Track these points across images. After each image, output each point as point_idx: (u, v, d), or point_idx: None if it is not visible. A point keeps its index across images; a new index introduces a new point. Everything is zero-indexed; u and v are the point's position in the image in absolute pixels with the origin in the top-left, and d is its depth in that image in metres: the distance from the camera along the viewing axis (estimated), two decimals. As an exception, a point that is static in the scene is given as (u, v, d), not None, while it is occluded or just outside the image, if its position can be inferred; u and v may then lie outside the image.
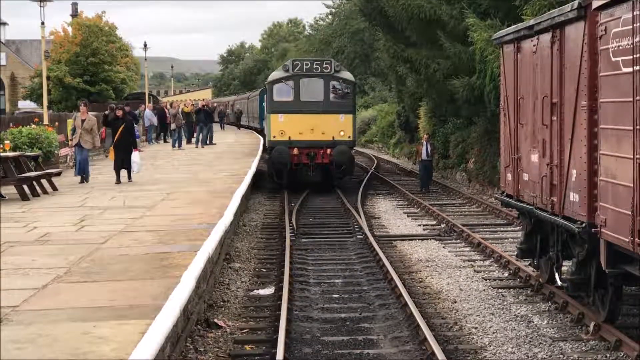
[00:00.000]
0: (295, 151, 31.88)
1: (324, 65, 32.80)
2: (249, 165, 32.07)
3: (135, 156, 26.31)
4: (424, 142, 32.66)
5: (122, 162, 26.18)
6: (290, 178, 32.43)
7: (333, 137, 31.86)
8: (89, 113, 27.49)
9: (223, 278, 16.34)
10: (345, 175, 33.01)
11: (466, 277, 16.81)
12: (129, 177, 26.48)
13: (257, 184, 32.56)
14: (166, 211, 19.65)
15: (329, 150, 31.74)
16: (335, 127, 32.02)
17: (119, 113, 26.70)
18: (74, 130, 26.92)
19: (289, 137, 32.01)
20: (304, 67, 32.74)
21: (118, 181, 26.05)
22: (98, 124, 28.37)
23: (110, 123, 27.07)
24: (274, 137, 32.33)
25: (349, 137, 32.23)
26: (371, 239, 20.87)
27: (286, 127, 32.11)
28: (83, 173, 26.49)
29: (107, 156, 27.71)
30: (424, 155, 32.18)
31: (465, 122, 36.69)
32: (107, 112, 29.97)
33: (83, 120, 26.47)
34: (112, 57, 67.27)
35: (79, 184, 26.06)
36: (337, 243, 21.39)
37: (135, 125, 30.34)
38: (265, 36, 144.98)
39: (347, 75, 33.58)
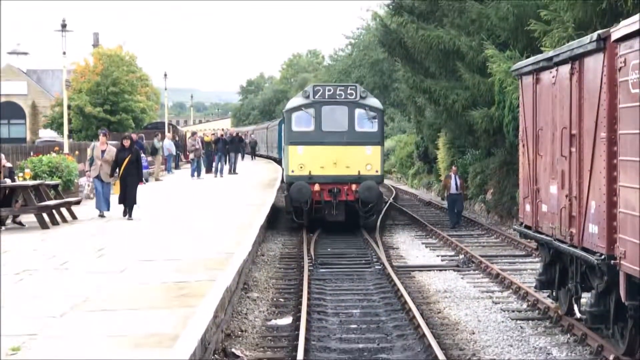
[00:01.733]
0: (317, 187, 28.33)
1: (349, 91, 29.13)
2: (268, 196, 32.12)
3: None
4: (452, 175, 30.78)
5: (126, 196, 24.54)
6: (311, 217, 28.96)
7: (359, 172, 28.36)
8: (109, 143, 25.72)
9: (241, 308, 16.33)
10: (373, 215, 29.27)
11: (484, 308, 16.74)
12: (130, 214, 24.60)
13: (276, 214, 32.48)
14: (184, 241, 19.70)
15: (354, 186, 28.27)
16: (362, 160, 28.54)
17: (126, 143, 24.79)
18: (91, 160, 25.40)
19: (310, 172, 28.42)
20: (326, 93, 29.04)
21: (125, 215, 24.49)
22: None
23: (117, 154, 24.95)
24: (293, 171, 28.74)
25: (377, 171, 28.72)
26: (389, 269, 20.81)
27: (306, 160, 28.62)
28: (105, 208, 25.10)
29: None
30: (452, 189, 30.32)
31: (484, 153, 36.66)
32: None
33: (103, 151, 24.94)
34: (132, 87, 67.67)
35: (98, 216, 24.88)
36: (355, 273, 21.33)
37: (143, 155, 27.85)
38: (284, 66, 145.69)
39: (374, 102, 29.78)
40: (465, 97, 31.38)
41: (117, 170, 24.80)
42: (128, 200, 24.60)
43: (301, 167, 28.65)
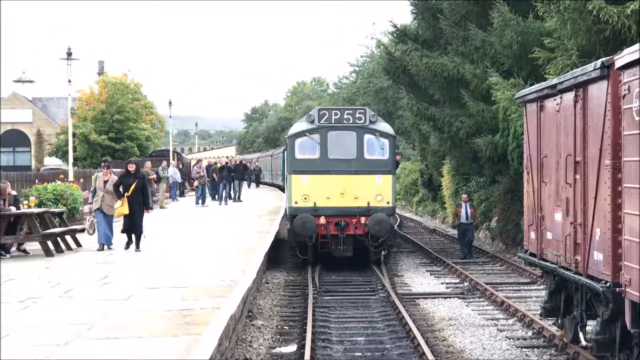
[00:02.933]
0: (322, 220, 26.04)
1: (357, 115, 26.70)
2: (272, 223, 32.08)
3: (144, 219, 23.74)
4: (463, 204, 29.48)
5: (132, 225, 23.40)
6: (316, 253, 26.80)
7: (368, 203, 26.12)
8: (112, 172, 24.52)
9: (245, 335, 16.30)
10: (384, 250, 27.22)
11: (489, 336, 16.69)
12: (137, 245, 23.46)
13: (280, 242, 32.44)
14: (188, 269, 19.67)
15: (363, 219, 26.05)
16: (371, 190, 26.23)
17: (131, 168, 23.55)
18: (94, 191, 24.62)
19: (315, 203, 26.15)
20: (333, 117, 26.69)
21: (128, 247, 23.50)
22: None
23: (120, 179, 23.60)
24: (296, 202, 26.39)
25: (388, 202, 26.38)
26: (394, 296, 20.78)
27: (311, 190, 26.28)
28: (108, 242, 23.72)
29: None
30: (463, 219, 29.01)
31: (489, 180, 36.67)
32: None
33: (105, 182, 23.82)
34: (137, 115, 67.78)
35: (97, 250, 23.43)
36: (360, 301, 21.30)
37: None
38: (289, 94, 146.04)
39: (384, 127, 27.32)
40: (469, 125, 31.42)
41: (122, 192, 23.33)
42: (135, 230, 23.53)
43: (305, 198, 26.33)
